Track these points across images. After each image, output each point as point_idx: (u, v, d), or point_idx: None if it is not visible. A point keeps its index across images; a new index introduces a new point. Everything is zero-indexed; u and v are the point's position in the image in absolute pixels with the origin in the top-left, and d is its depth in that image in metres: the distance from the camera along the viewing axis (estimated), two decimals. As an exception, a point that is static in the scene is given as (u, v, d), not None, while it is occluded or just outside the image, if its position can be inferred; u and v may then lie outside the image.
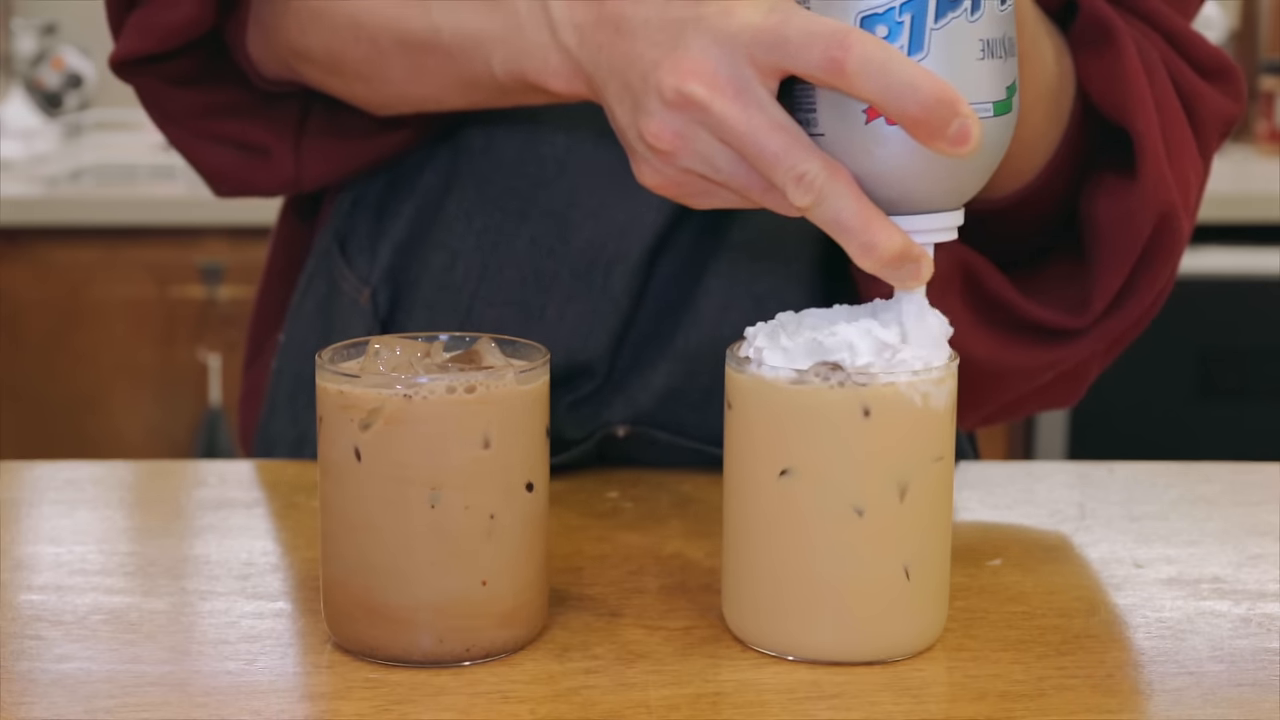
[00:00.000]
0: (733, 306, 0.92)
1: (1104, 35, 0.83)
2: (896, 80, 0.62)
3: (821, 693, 0.65)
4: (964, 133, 0.62)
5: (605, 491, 0.91)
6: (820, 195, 0.64)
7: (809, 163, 0.64)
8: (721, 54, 0.65)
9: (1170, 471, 0.97)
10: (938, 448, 0.68)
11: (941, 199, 0.67)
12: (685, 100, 0.65)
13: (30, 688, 0.66)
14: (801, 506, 0.67)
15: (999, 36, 0.65)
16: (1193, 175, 0.86)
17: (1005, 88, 0.66)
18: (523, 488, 0.68)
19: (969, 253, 0.87)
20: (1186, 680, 0.67)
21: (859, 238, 0.64)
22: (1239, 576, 0.79)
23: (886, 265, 0.65)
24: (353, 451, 0.66)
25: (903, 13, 0.64)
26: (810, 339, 0.66)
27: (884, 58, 0.62)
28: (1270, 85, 2.71)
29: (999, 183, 0.84)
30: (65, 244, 2.31)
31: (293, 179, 0.94)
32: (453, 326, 0.94)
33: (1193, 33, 0.88)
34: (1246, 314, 2.35)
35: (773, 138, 0.64)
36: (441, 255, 0.95)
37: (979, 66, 0.65)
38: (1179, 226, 0.84)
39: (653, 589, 0.76)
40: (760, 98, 0.65)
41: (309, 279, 1.02)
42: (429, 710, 0.63)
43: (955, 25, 0.64)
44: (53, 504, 0.90)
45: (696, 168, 0.67)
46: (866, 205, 0.64)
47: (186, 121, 0.94)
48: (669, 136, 0.66)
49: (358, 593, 0.67)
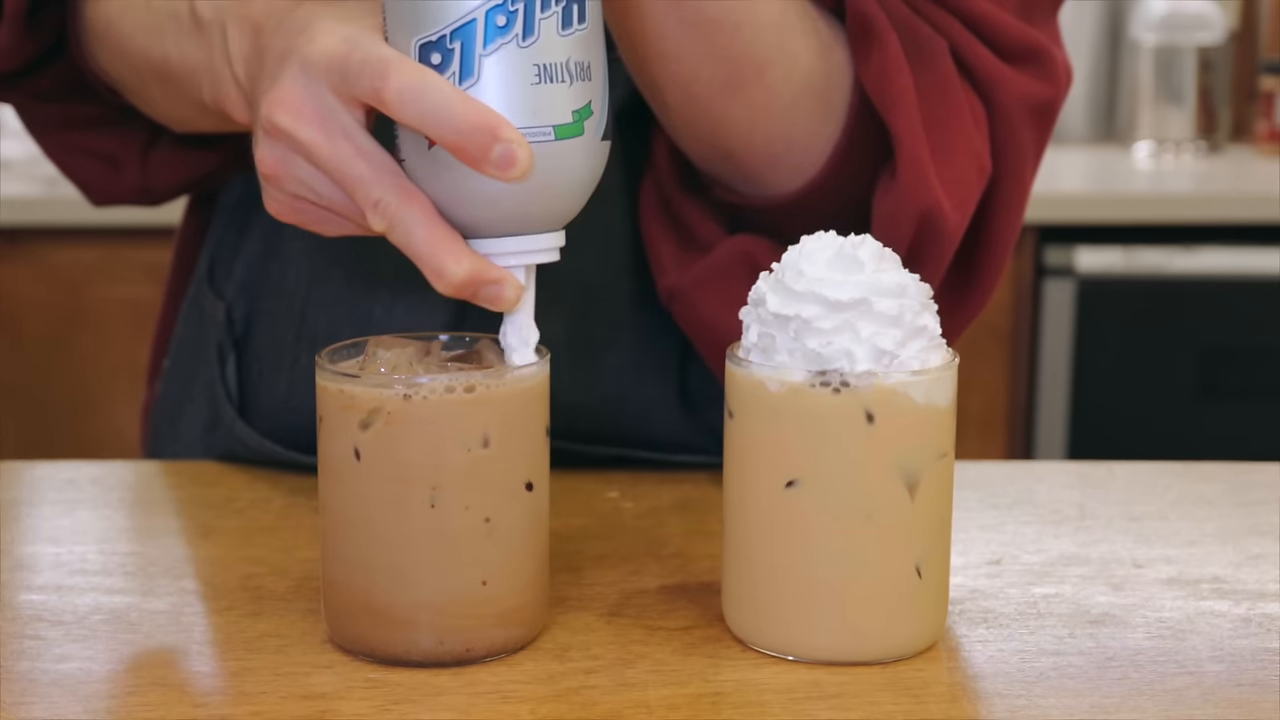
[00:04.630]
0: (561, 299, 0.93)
1: (865, 31, 0.83)
2: (433, 107, 0.63)
3: (821, 693, 0.65)
4: (509, 157, 0.63)
5: (605, 491, 0.91)
6: (393, 221, 0.66)
7: (383, 190, 0.66)
8: (307, 83, 0.67)
9: (1170, 471, 0.97)
10: (941, 445, 0.68)
11: (525, 222, 0.67)
12: (276, 129, 0.68)
13: (30, 688, 0.66)
14: (809, 515, 0.67)
15: (561, 61, 0.66)
16: (973, 171, 0.85)
17: (573, 111, 0.66)
18: (523, 488, 0.68)
19: (754, 243, 0.87)
20: (1186, 680, 0.67)
21: (428, 263, 0.66)
22: (1239, 576, 0.79)
23: (459, 289, 0.66)
24: (352, 451, 0.66)
25: (453, 40, 0.65)
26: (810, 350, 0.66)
27: (421, 85, 0.64)
28: (1270, 85, 2.71)
29: (778, 179, 0.85)
30: (65, 244, 2.31)
31: (141, 187, 0.98)
32: (289, 336, 0.95)
33: (997, 16, 0.86)
34: (1246, 314, 2.34)
35: (354, 165, 0.66)
36: (277, 263, 0.97)
37: (534, 91, 0.65)
38: (942, 227, 0.83)
39: (653, 589, 0.76)
40: (345, 125, 0.67)
41: (188, 306, 1.05)
42: (429, 710, 0.63)
43: (505, 51, 0.65)
44: (53, 504, 0.90)
45: (302, 193, 0.69)
46: (437, 231, 0.66)
47: (54, 133, 0.99)
48: (271, 163, 0.69)
49: (358, 593, 0.67)
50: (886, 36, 0.83)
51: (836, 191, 0.85)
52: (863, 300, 0.66)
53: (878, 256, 0.68)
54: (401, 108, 0.64)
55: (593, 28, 0.67)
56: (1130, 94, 2.79)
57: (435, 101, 0.63)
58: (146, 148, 0.97)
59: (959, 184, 0.84)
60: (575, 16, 0.66)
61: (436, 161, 0.66)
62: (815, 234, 0.69)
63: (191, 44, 0.80)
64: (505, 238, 0.68)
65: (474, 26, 0.64)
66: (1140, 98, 2.76)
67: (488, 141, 0.63)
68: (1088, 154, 2.76)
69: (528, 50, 0.65)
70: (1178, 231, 2.33)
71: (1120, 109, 2.84)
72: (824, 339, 0.66)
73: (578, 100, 0.66)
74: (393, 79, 0.64)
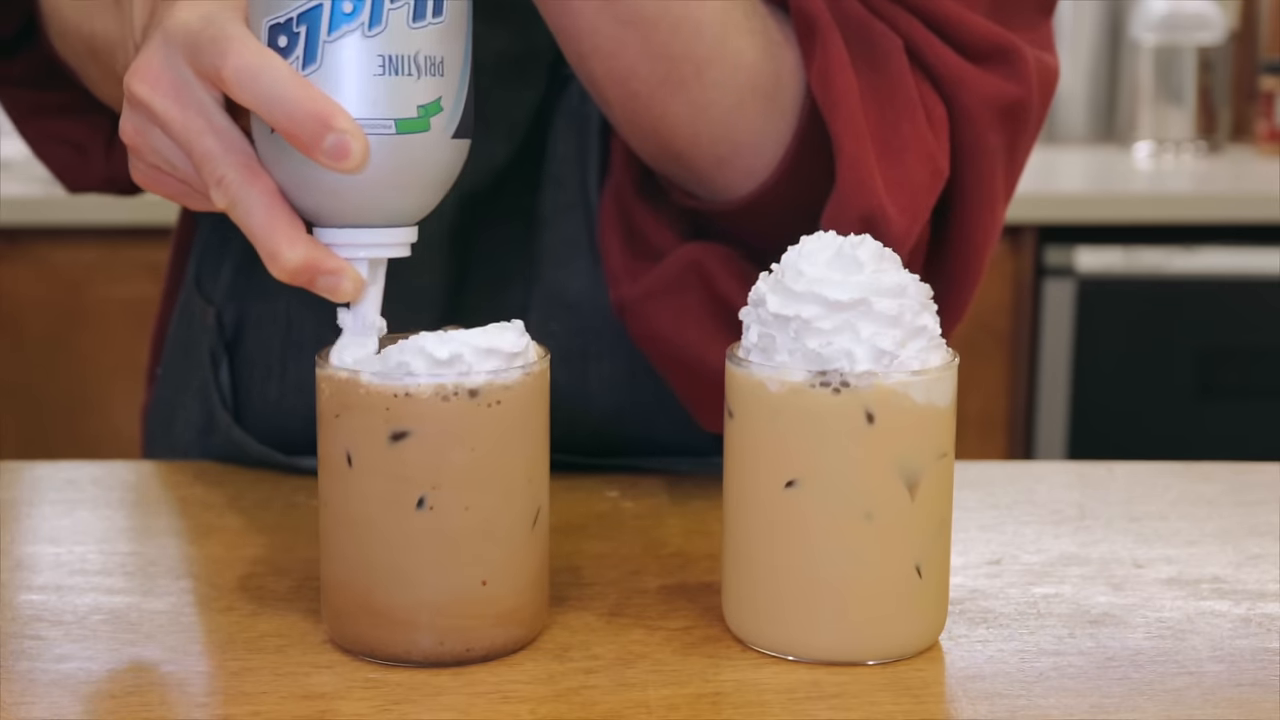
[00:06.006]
0: (552, 313, 0.93)
1: (809, 31, 0.82)
2: (267, 91, 0.63)
3: (821, 693, 0.65)
4: (341, 147, 0.63)
5: (605, 491, 0.91)
6: (233, 200, 0.65)
7: (228, 168, 0.65)
8: (167, 54, 0.67)
9: (1170, 471, 0.97)
10: (941, 445, 0.68)
11: (368, 214, 0.67)
12: (135, 99, 0.67)
13: (30, 688, 0.66)
14: (809, 515, 0.67)
15: (410, 54, 0.65)
16: (925, 174, 0.84)
17: (419, 106, 0.65)
18: (523, 488, 0.68)
19: (705, 251, 0.86)
20: (1186, 680, 0.67)
21: (264, 246, 0.66)
22: (1239, 576, 0.79)
23: (292, 275, 0.66)
24: (352, 454, 0.66)
25: (299, 24, 0.64)
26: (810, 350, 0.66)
27: (259, 68, 0.63)
28: (1270, 85, 2.71)
29: (729, 181, 0.84)
30: (65, 244, 2.31)
31: (106, 176, 0.99)
32: (275, 338, 0.95)
33: (961, 15, 0.85)
34: (1246, 314, 2.34)
35: (203, 139, 0.66)
36: (261, 268, 0.96)
37: (377, 83, 0.64)
38: (886, 231, 0.81)
39: (653, 589, 0.76)
40: (199, 100, 0.66)
41: (180, 310, 1.05)
42: (429, 710, 0.63)
43: (349, 40, 0.64)
44: (53, 504, 0.90)
45: (160, 164, 0.69)
46: (277, 215, 0.65)
47: (28, 119, 1.00)
48: (130, 132, 0.69)
49: (358, 593, 0.67)
50: (829, 35, 0.81)
51: (792, 196, 0.84)
52: (862, 300, 0.66)
53: (877, 256, 0.68)
54: (239, 89, 0.64)
55: (451, 23, 0.66)
56: (1130, 94, 2.79)
57: (270, 85, 0.63)
58: (112, 135, 0.98)
59: (907, 187, 0.83)
60: (429, 10, 0.65)
61: (279, 145, 0.65)
62: (814, 234, 0.69)
63: (112, 18, 0.81)
64: (349, 229, 0.67)
65: (319, 11, 0.64)
66: (1140, 98, 2.76)
67: (319, 130, 0.63)
68: (1088, 154, 2.77)
69: (373, 40, 0.64)
70: (1178, 231, 2.33)
71: (1120, 109, 2.84)
72: (824, 339, 0.66)
73: (426, 95, 0.65)
74: (232, 59, 0.63)
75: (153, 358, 1.10)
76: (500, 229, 0.94)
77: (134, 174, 0.71)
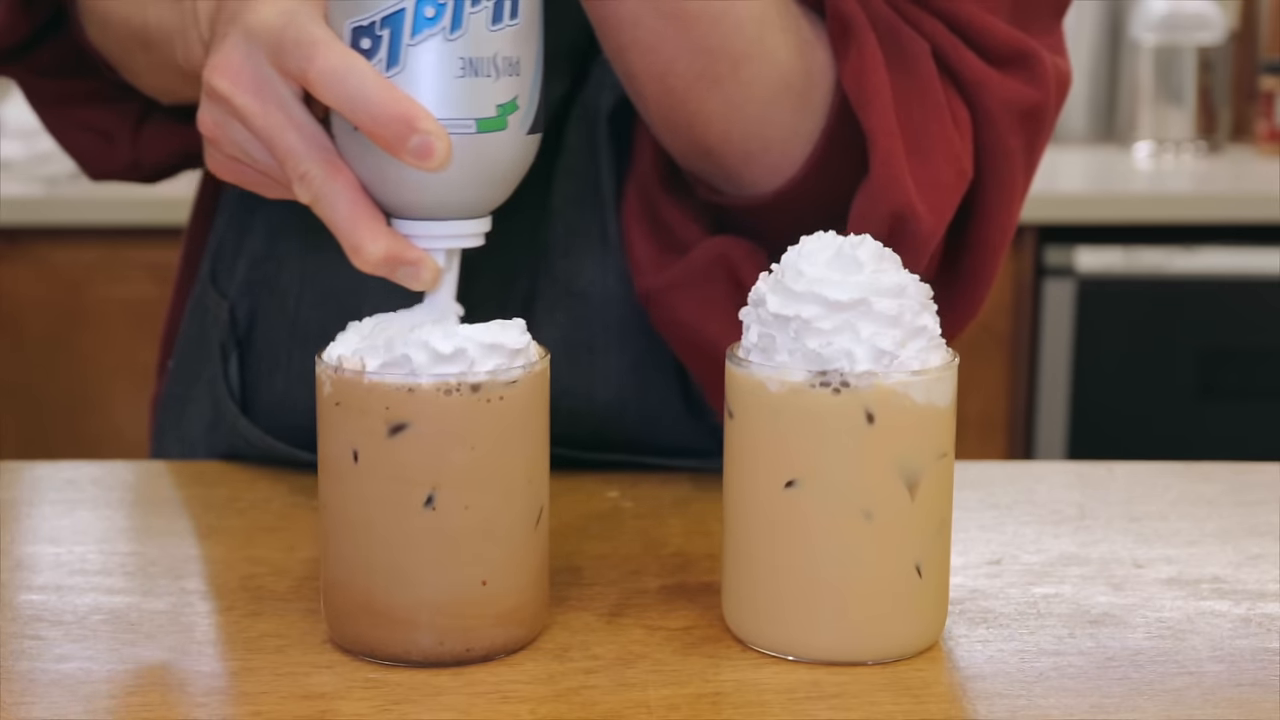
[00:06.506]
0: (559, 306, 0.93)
1: (844, 30, 0.83)
2: (353, 93, 0.65)
3: (821, 693, 0.65)
4: (426, 148, 0.65)
5: (605, 491, 0.91)
6: (316, 194, 0.67)
7: (311, 163, 0.67)
8: (247, 50, 0.68)
9: (1170, 471, 0.97)
10: (941, 445, 0.68)
11: (447, 208, 0.69)
12: (215, 93, 0.69)
13: (30, 688, 0.66)
14: (809, 515, 0.67)
15: (489, 56, 0.67)
16: (952, 175, 0.85)
17: (497, 105, 0.67)
18: (523, 487, 0.68)
19: (732, 245, 0.87)
20: (1186, 680, 0.67)
21: (347, 238, 0.68)
22: (1239, 576, 0.79)
23: (375, 267, 0.68)
24: (352, 451, 0.66)
25: (382, 27, 0.66)
26: (810, 350, 0.66)
27: (345, 70, 0.65)
28: (1270, 85, 2.71)
29: (756, 178, 0.84)
30: (65, 244, 2.31)
31: (132, 162, 1.00)
32: (284, 333, 0.95)
33: (983, 19, 0.86)
34: (1246, 314, 2.34)
35: (285, 135, 0.68)
36: (274, 263, 0.98)
37: (458, 84, 0.66)
38: (915, 229, 0.82)
39: (653, 589, 0.76)
40: (280, 95, 0.68)
41: (193, 304, 1.05)
42: (429, 710, 0.63)
43: (432, 43, 0.66)
44: (53, 504, 0.90)
45: (238, 155, 0.71)
46: (359, 209, 0.67)
47: (53, 107, 1.01)
48: (210, 125, 0.70)
49: (358, 593, 0.67)
50: (864, 35, 0.82)
51: (816, 194, 0.85)
52: (862, 300, 0.66)
53: (877, 256, 0.68)
54: (324, 90, 0.65)
55: (526, 24, 0.68)
56: (1130, 94, 2.79)
57: (357, 87, 0.65)
58: (139, 123, 0.99)
59: (935, 187, 0.83)
60: (507, 12, 0.67)
61: (362, 143, 0.67)
62: (814, 234, 0.69)
63: (168, 10, 0.82)
64: (428, 221, 0.69)
65: (403, 16, 0.65)
66: (1140, 98, 2.76)
67: (405, 131, 0.64)
68: (1088, 154, 2.77)
69: (455, 43, 0.66)
70: (1178, 231, 2.33)
71: (1120, 109, 2.84)
72: (824, 339, 0.66)
73: (503, 95, 0.67)
74: (319, 61, 0.65)
75: (163, 350, 1.10)
76: (511, 219, 0.94)
77: (210, 163, 0.72)
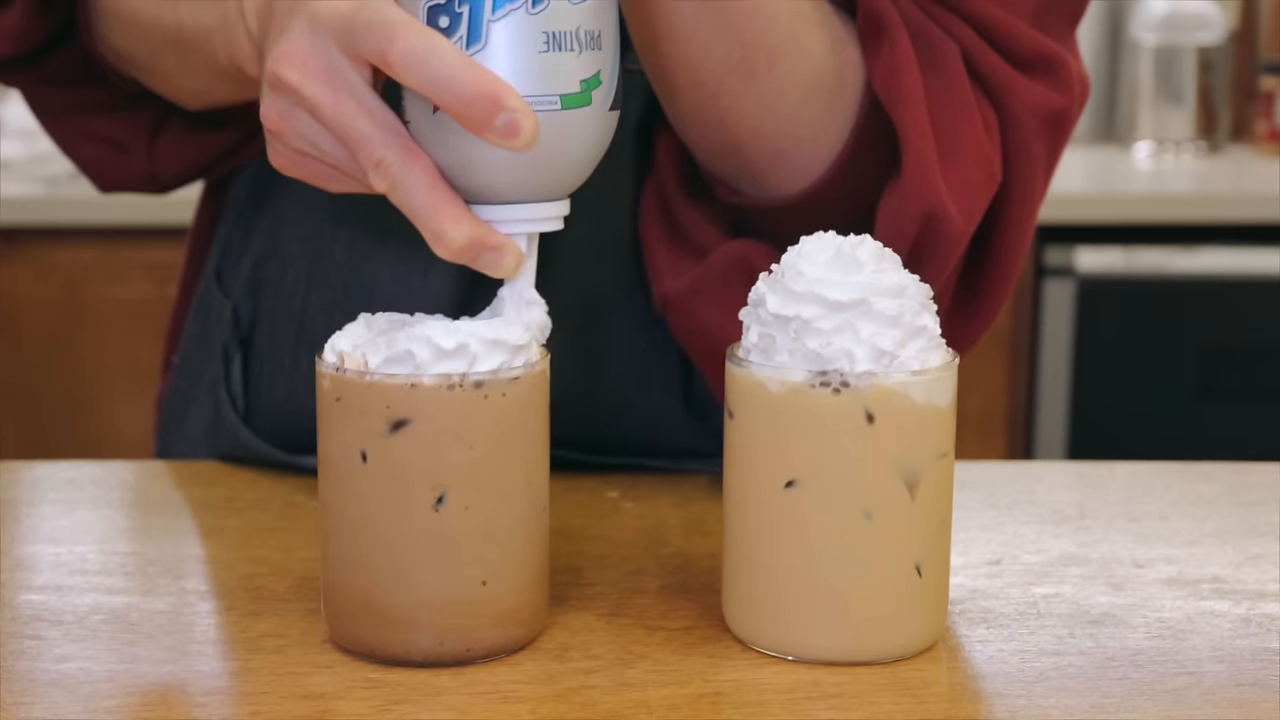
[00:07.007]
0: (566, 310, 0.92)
1: (877, 28, 0.82)
2: (437, 73, 0.63)
3: (821, 693, 0.65)
4: (513, 126, 0.63)
5: (605, 491, 0.91)
6: (394, 182, 0.66)
7: (386, 149, 0.66)
8: (314, 39, 0.66)
9: (1170, 471, 0.97)
10: (941, 445, 0.68)
11: (529, 190, 0.67)
12: (281, 84, 0.67)
13: (30, 688, 0.66)
14: (809, 515, 0.67)
15: (571, 29, 0.65)
16: (981, 177, 0.84)
17: (580, 81, 0.66)
18: (523, 488, 0.68)
19: (752, 248, 0.86)
20: (1186, 680, 0.67)
21: (428, 225, 0.66)
22: (1239, 576, 0.79)
23: (458, 254, 0.66)
24: (352, 451, 0.66)
25: (462, 4, 0.64)
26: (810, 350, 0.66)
27: (426, 50, 0.63)
28: (1270, 85, 2.71)
29: (783, 178, 0.84)
30: (65, 244, 2.31)
31: (148, 174, 0.98)
32: (289, 335, 0.95)
33: (1010, 24, 0.86)
34: (1246, 314, 2.35)
35: (358, 123, 0.66)
36: (277, 264, 0.98)
37: (542, 60, 0.65)
38: (946, 229, 0.82)
39: (653, 589, 0.76)
40: (351, 82, 0.66)
41: (197, 303, 1.04)
42: (429, 710, 0.63)
43: (514, 18, 0.64)
44: (53, 504, 0.90)
45: (304, 148, 0.69)
46: (440, 194, 0.66)
47: (61, 118, 0.99)
48: (275, 118, 0.68)
49: (358, 593, 0.67)
50: (897, 34, 0.82)
51: (841, 197, 0.84)
52: (862, 300, 0.66)
53: (877, 257, 0.68)
54: (406, 71, 0.64)
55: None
56: (1130, 94, 2.79)
57: (440, 67, 0.63)
58: (154, 133, 0.97)
59: (965, 188, 0.83)
60: None
61: (441, 125, 0.66)
62: (814, 235, 0.69)
63: (205, 7, 0.80)
64: (508, 205, 0.67)
65: None
66: (1140, 98, 2.76)
67: (492, 110, 0.63)
68: (1088, 154, 2.77)
69: (537, 17, 0.64)
70: (1178, 231, 2.33)
71: (1120, 109, 2.84)
72: (824, 339, 0.66)
73: (586, 70, 0.66)
74: (399, 42, 0.63)
75: (168, 347, 1.10)
76: None
77: (273, 158, 0.71)
